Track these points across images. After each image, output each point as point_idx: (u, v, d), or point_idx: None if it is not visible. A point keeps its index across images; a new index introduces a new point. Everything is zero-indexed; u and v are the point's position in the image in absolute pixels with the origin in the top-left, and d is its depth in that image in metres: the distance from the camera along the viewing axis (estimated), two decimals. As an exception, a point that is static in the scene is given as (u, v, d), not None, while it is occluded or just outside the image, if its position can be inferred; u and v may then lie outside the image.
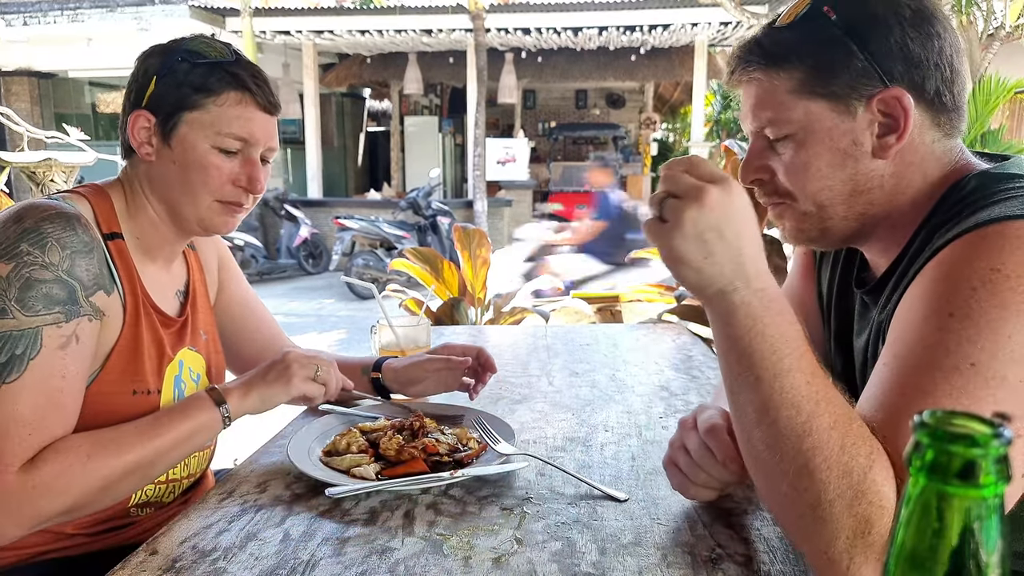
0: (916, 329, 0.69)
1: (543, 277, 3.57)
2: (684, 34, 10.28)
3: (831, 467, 0.63)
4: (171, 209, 1.07)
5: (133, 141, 1.04)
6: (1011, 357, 0.63)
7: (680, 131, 15.93)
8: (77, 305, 0.93)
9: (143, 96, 1.03)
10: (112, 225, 1.04)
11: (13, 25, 9.66)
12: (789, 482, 0.65)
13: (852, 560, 0.63)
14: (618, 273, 4.87)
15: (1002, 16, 4.96)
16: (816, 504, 0.63)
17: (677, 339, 1.83)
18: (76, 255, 0.93)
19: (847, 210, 0.82)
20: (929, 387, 0.65)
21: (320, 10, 10.50)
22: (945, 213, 0.77)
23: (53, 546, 1.01)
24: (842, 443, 0.63)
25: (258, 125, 1.05)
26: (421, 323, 1.38)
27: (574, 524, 0.84)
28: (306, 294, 8.16)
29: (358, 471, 0.96)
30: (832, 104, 0.78)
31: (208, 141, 1.02)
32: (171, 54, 1.03)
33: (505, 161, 10.98)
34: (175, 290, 1.16)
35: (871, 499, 0.62)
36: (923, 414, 0.32)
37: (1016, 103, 8.13)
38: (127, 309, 1.02)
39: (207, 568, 0.76)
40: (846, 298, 0.97)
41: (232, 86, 1.02)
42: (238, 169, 1.05)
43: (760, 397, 0.66)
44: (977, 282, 0.66)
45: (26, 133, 4.71)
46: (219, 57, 1.03)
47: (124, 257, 1.04)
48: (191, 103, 1.01)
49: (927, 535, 0.31)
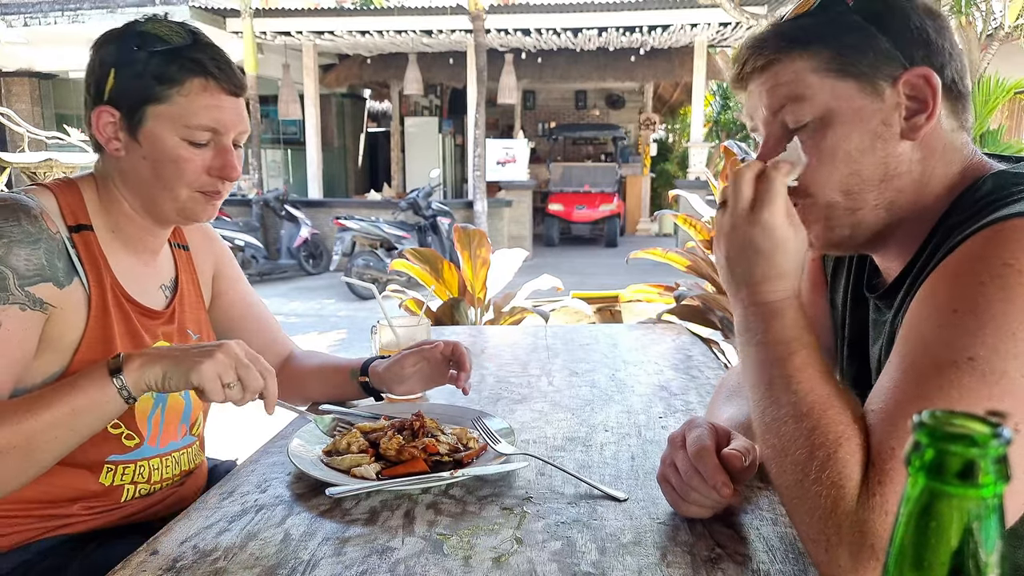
0: (920, 325, 0.69)
1: (543, 277, 3.57)
2: (684, 35, 10.29)
3: (800, 448, 0.68)
4: (147, 202, 1.05)
5: (100, 137, 1.01)
6: (1013, 353, 0.61)
7: (680, 132, 15.93)
8: (5, 292, 0.91)
9: (103, 90, 1.00)
10: (79, 217, 1.02)
11: (13, 26, 9.66)
12: (777, 465, 0.71)
13: (828, 542, 0.65)
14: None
15: (1001, 16, 4.96)
16: (794, 484, 0.69)
17: (677, 339, 1.83)
18: (13, 244, 0.92)
19: (877, 197, 0.79)
20: (923, 382, 0.65)
21: (320, 11, 10.51)
22: (961, 213, 0.76)
23: (54, 523, 1.03)
24: (815, 425, 0.68)
25: (226, 112, 1.02)
26: (421, 323, 1.38)
27: (574, 524, 0.84)
28: (306, 294, 8.16)
29: (358, 471, 0.96)
30: (860, 84, 0.77)
31: (177, 134, 0.99)
32: (125, 41, 0.99)
33: (505, 162, 10.99)
34: (159, 284, 1.14)
35: (832, 477, 0.65)
36: (922, 414, 0.32)
37: (1015, 103, 8.13)
38: (92, 301, 1.00)
39: (207, 568, 0.76)
40: (860, 307, 0.96)
41: (195, 72, 0.98)
42: (211, 158, 1.03)
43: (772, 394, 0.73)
44: (986, 276, 0.65)
45: (27, 134, 4.71)
46: (177, 41, 0.99)
47: (91, 249, 1.02)
48: (155, 96, 0.98)
49: (927, 535, 0.31)
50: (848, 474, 0.65)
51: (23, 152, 4.48)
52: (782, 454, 0.70)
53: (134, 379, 0.90)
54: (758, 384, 0.75)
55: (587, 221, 11.77)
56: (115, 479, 1.07)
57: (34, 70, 11.46)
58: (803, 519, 0.68)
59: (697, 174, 10.31)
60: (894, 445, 0.64)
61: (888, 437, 0.65)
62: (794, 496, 0.69)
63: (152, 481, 1.11)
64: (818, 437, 0.68)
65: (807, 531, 0.68)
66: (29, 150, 4.58)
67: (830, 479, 0.65)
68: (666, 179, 13.86)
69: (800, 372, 0.72)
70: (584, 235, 12.30)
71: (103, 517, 1.07)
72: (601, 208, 11.63)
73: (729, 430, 0.87)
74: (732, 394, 1.05)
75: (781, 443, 0.71)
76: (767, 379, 0.74)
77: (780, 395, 0.72)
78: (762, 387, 0.75)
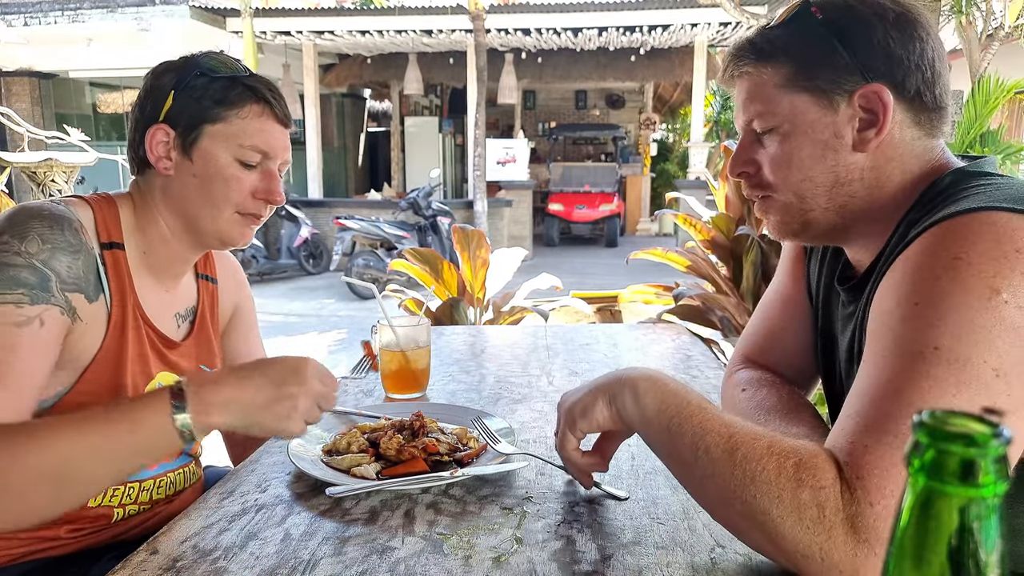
0: (887, 320, 0.71)
1: (542, 276, 3.57)
2: (684, 35, 10.28)
3: (765, 466, 0.67)
4: (188, 222, 1.06)
5: (151, 155, 1.03)
6: (974, 340, 0.64)
7: (680, 131, 15.93)
8: (48, 292, 0.91)
9: (159, 111, 1.03)
10: (113, 235, 1.03)
11: (14, 25, 9.66)
12: (739, 499, 0.68)
13: (822, 548, 0.64)
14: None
15: (1001, 16, 4.96)
16: (768, 508, 0.67)
17: (676, 339, 1.83)
18: (58, 251, 0.93)
19: (828, 201, 0.85)
20: (894, 373, 0.67)
21: (320, 11, 10.50)
22: (920, 210, 0.80)
23: (39, 546, 1.01)
24: (769, 445, 0.69)
25: (277, 138, 1.07)
26: (421, 323, 1.38)
27: (574, 524, 0.84)
28: (306, 294, 8.16)
29: (358, 470, 0.96)
30: (816, 98, 0.82)
31: (230, 153, 1.03)
32: (187, 69, 1.04)
33: (505, 161, 10.99)
34: (174, 312, 1.13)
35: (811, 481, 0.65)
36: (922, 414, 0.32)
37: (1015, 103, 8.12)
38: (112, 319, 1.00)
39: (208, 567, 0.76)
40: (831, 295, 1.00)
41: (252, 99, 1.04)
42: (258, 181, 1.06)
43: (685, 443, 0.74)
44: (940, 270, 0.68)
45: (27, 133, 4.71)
46: (234, 72, 1.05)
47: (119, 268, 1.02)
48: (213, 116, 1.02)
49: (927, 535, 0.31)
50: (825, 475, 0.66)
51: (23, 152, 4.48)
52: (745, 482, 0.68)
53: (203, 425, 0.82)
54: (687, 446, 0.74)
55: (587, 221, 11.77)
56: (104, 500, 1.04)
57: (34, 70, 11.46)
58: (787, 537, 0.66)
59: (697, 174, 10.31)
60: (868, 443, 0.65)
61: (862, 433, 0.66)
62: (772, 520, 0.67)
63: (141, 502, 1.09)
64: (778, 447, 0.68)
65: (795, 547, 0.66)
66: (29, 150, 4.57)
67: (809, 484, 0.65)
68: (666, 179, 13.86)
69: (717, 412, 0.75)
70: (584, 235, 12.30)
71: (91, 538, 1.04)
72: (601, 208, 11.63)
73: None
74: (773, 412, 0.99)
75: (741, 471, 0.69)
76: (691, 434, 0.74)
77: (715, 435, 0.72)
78: (694, 444, 0.74)
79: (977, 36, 4.96)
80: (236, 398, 0.84)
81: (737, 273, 2.97)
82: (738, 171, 0.91)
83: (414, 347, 1.33)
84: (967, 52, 5.07)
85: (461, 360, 1.64)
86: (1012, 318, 0.64)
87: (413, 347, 1.33)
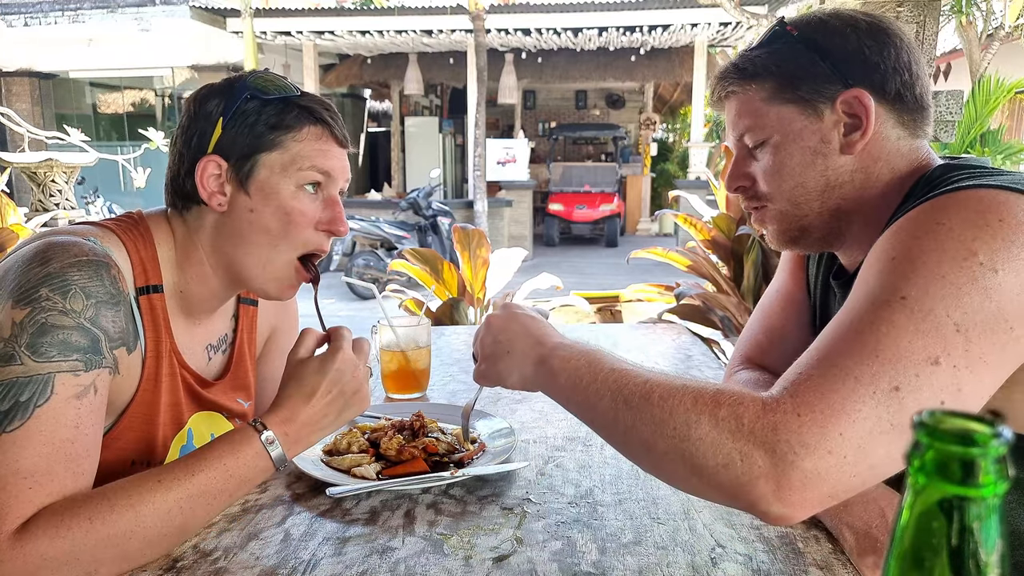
0: (863, 276, 0.73)
1: (542, 276, 3.57)
2: (684, 35, 10.29)
3: (683, 398, 0.69)
4: (234, 264, 0.96)
5: (203, 190, 0.93)
6: (942, 294, 0.66)
7: (680, 131, 15.93)
8: (100, 355, 0.83)
9: (208, 141, 0.93)
10: (151, 277, 0.94)
11: (14, 26, 9.67)
12: (661, 435, 0.70)
13: (741, 453, 0.65)
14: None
15: (1001, 16, 4.96)
16: (686, 433, 0.68)
17: (677, 339, 1.83)
18: (102, 305, 0.84)
19: (821, 205, 0.88)
20: (856, 317, 0.69)
21: (321, 11, 10.51)
22: (912, 202, 0.81)
23: None
24: (684, 383, 0.71)
25: (337, 159, 0.97)
26: (421, 323, 1.38)
27: (574, 524, 0.85)
28: (307, 294, 8.14)
29: (359, 471, 0.97)
30: (800, 108, 0.86)
31: (291, 181, 0.93)
32: (235, 93, 0.94)
33: (505, 161, 10.99)
34: (206, 344, 1.04)
35: (728, 402, 0.67)
36: (922, 414, 0.32)
37: (1016, 103, 8.12)
38: (145, 370, 0.92)
39: (208, 568, 0.76)
40: (828, 292, 1.02)
41: (309, 120, 0.94)
42: (320, 211, 0.96)
43: (604, 403, 0.75)
44: (921, 232, 0.70)
45: (27, 134, 4.72)
46: (285, 91, 0.95)
47: (155, 313, 0.94)
48: (269, 143, 0.92)
49: (926, 535, 0.31)
50: (744, 395, 0.67)
51: (23, 152, 4.48)
52: (664, 418, 0.69)
53: (296, 454, 0.89)
54: (608, 408, 0.75)
55: (587, 221, 11.77)
56: None
57: (34, 70, 11.47)
58: (707, 454, 0.66)
59: (697, 174, 10.31)
60: (812, 373, 0.66)
61: (810, 366, 0.67)
62: (692, 443, 0.67)
63: None
64: (694, 383, 0.71)
65: (715, 460, 0.66)
66: (29, 150, 4.58)
67: (727, 403, 0.67)
68: (666, 179, 13.85)
69: (632, 367, 0.77)
70: (584, 235, 12.30)
71: None
72: (601, 208, 11.62)
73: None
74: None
75: (659, 409, 0.70)
76: (609, 395, 0.75)
77: (632, 386, 0.74)
78: (613, 404, 0.74)
79: (977, 36, 4.96)
80: (314, 423, 0.89)
81: (738, 273, 2.97)
82: (735, 186, 0.94)
83: (414, 347, 1.33)
84: (967, 52, 5.07)
85: (461, 360, 1.64)
86: (986, 280, 0.65)
87: (413, 347, 1.33)
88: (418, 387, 1.35)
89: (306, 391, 0.88)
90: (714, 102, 0.95)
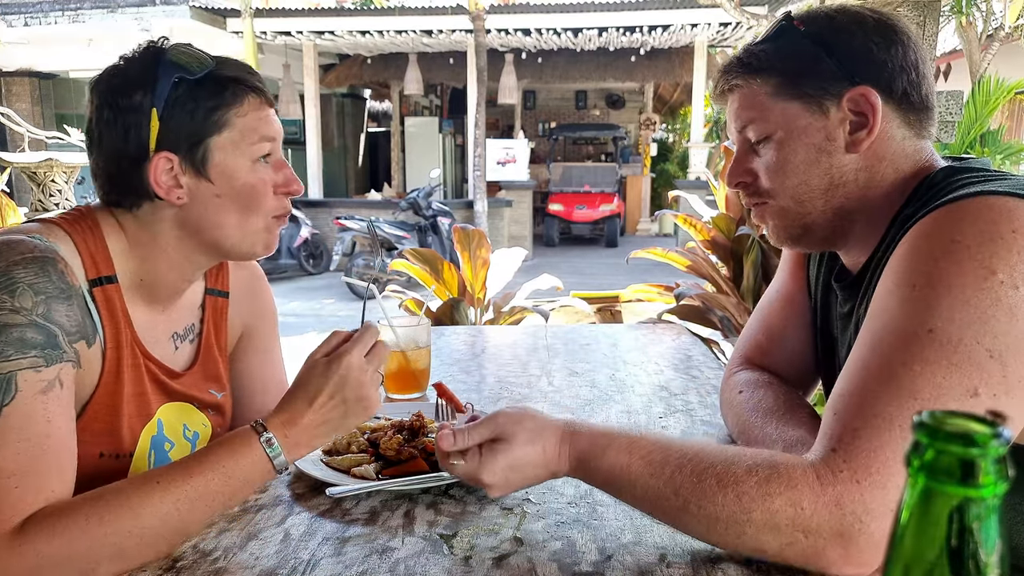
0: (884, 302, 0.73)
1: (542, 277, 3.57)
2: (684, 35, 10.29)
3: (726, 500, 0.69)
4: (211, 244, 0.96)
5: (159, 189, 0.90)
6: (968, 321, 0.65)
7: (680, 131, 15.93)
8: (59, 350, 0.82)
9: (146, 136, 0.89)
10: (102, 268, 0.92)
11: (14, 26, 9.66)
12: (722, 537, 0.71)
13: (807, 529, 0.65)
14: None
15: (1001, 17, 4.97)
16: (751, 534, 0.68)
17: (677, 339, 1.83)
18: (52, 300, 0.83)
19: (824, 204, 0.87)
20: (887, 356, 0.68)
21: (321, 11, 10.51)
22: (915, 204, 0.81)
23: None
24: (712, 473, 0.70)
25: (275, 122, 0.97)
26: (421, 323, 1.38)
27: (574, 524, 0.84)
28: (306, 294, 8.16)
29: (358, 470, 0.97)
30: (806, 104, 0.85)
31: (246, 156, 0.93)
32: (159, 79, 0.89)
33: (505, 162, 10.99)
34: (171, 332, 1.02)
35: (775, 487, 0.67)
36: (922, 414, 0.32)
37: (1016, 104, 8.12)
38: (106, 362, 0.91)
39: (208, 568, 0.76)
40: (829, 294, 1.01)
41: (244, 91, 0.93)
42: (272, 176, 0.96)
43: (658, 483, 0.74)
44: (938, 253, 0.69)
45: (27, 133, 4.72)
46: (206, 65, 0.91)
47: (112, 304, 0.92)
48: (214, 126, 0.91)
49: (926, 535, 0.31)
50: (794, 474, 0.66)
51: (23, 152, 4.48)
52: (710, 525, 0.70)
53: (296, 457, 0.87)
54: (652, 484, 0.75)
55: (587, 221, 11.77)
56: None
57: (34, 70, 11.46)
58: (768, 542, 0.67)
59: (697, 174, 10.31)
60: (857, 425, 0.66)
61: (852, 418, 0.67)
62: (750, 539, 0.68)
63: None
64: (726, 473, 0.69)
65: (777, 543, 0.67)
66: (29, 150, 4.58)
67: (780, 492, 0.66)
68: (666, 179, 13.86)
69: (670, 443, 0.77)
70: (584, 235, 12.30)
71: None
72: (601, 208, 11.63)
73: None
74: (770, 414, 0.98)
75: (704, 515, 0.70)
76: (642, 487, 0.75)
77: (681, 465, 0.73)
78: (656, 476, 0.74)
79: (977, 36, 4.96)
80: (319, 428, 0.87)
81: (737, 273, 2.97)
82: (736, 181, 0.93)
83: (414, 347, 1.33)
84: (967, 52, 5.07)
85: (461, 360, 1.64)
86: (1009, 298, 0.65)
87: (413, 347, 1.33)
88: (418, 387, 1.35)
89: (309, 395, 0.87)
90: (717, 95, 0.94)
